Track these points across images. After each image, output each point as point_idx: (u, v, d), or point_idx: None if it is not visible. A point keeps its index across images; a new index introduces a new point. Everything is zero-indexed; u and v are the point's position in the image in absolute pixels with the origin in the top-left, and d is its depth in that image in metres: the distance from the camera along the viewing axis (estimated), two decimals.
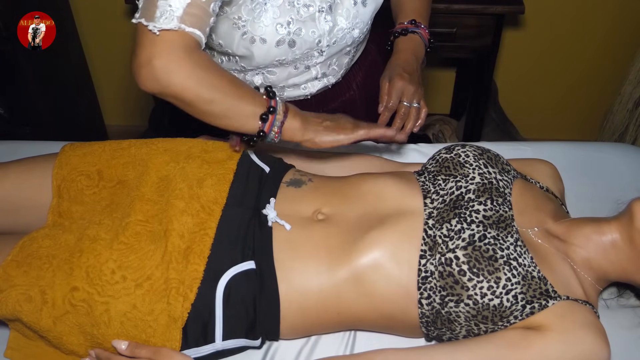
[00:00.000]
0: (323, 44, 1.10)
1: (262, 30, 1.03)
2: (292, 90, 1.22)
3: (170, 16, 0.88)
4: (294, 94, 1.23)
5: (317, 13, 1.06)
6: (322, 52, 1.12)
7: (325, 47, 1.11)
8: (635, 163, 1.32)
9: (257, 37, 1.04)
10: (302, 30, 1.06)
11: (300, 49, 1.08)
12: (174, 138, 1.10)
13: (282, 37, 1.05)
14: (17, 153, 1.19)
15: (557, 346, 0.83)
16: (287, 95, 1.23)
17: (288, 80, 1.18)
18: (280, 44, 1.05)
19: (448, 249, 0.88)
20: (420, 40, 1.18)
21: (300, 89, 1.22)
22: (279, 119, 0.95)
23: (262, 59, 1.08)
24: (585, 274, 0.95)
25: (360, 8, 1.10)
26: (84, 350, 0.90)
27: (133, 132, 2.43)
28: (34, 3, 1.78)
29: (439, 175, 0.99)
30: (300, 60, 1.13)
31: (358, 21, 1.11)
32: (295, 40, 1.06)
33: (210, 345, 0.89)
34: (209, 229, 0.93)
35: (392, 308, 0.91)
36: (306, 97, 1.25)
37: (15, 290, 0.88)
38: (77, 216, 1.00)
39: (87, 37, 2.24)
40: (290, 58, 1.09)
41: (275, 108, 0.95)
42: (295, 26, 1.04)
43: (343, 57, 1.20)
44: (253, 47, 1.05)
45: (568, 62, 2.25)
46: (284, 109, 0.97)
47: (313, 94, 1.24)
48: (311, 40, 1.08)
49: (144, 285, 0.88)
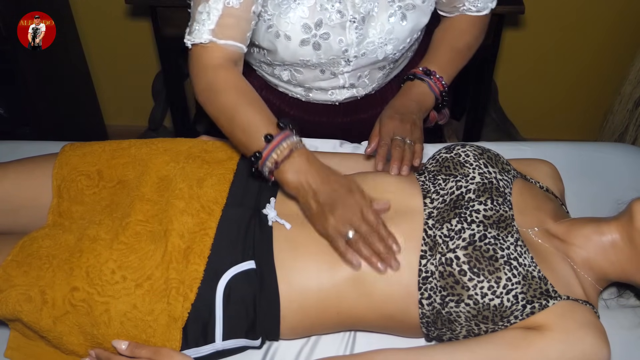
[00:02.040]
0: (350, 53, 1.08)
1: (287, 27, 1.03)
2: (319, 94, 1.22)
3: (201, 30, 0.95)
4: (321, 98, 1.23)
5: (348, 22, 1.04)
6: (350, 62, 1.11)
7: (353, 57, 1.09)
8: (635, 163, 1.32)
9: (281, 33, 1.04)
10: (330, 36, 1.05)
11: (325, 54, 1.07)
12: (174, 138, 1.10)
13: (307, 38, 1.04)
14: (17, 153, 1.19)
15: (557, 346, 0.83)
16: (314, 97, 1.23)
17: (315, 82, 1.18)
18: (304, 44, 1.05)
19: (448, 249, 0.88)
20: (427, 90, 1.12)
21: (328, 94, 1.21)
22: (274, 157, 0.90)
23: (286, 55, 1.08)
24: (585, 274, 0.95)
25: (397, 25, 1.07)
26: (84, 350, 0.90)
27: (133, 132, 2.44)
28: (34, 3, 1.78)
29: (439, 175, 0.99)
30: (327, 66, 1.12)
31: (392, 37, 1.08)
32: (320, 44, 1.06)
33: (210, 345, 0.89)
34: (209, 228, 0.93)
35: (392, 308, 0.91)
36: (334, 103, 1.24)
37: (16, 290, 0.88)
38: (77, 216, 1.00)
39: (87, 37, 2.24)
40: (315, 61, 1.09)
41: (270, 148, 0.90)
42: (323, 30, 1.04)
43: (376, 72, 1.18)
44: (277, 42, 1.06)
45: (568, 62, 2.24)
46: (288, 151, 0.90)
47: (340, 101, 1.23)
48: (337, 47, 1.07)
49: (144, 285, 0.88)
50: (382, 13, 1.06)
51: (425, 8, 1.10)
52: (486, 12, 1.18)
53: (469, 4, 1.16)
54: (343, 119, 1.29)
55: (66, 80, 2.16)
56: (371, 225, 0.89)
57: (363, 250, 0.88)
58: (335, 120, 1.29)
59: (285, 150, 0.90)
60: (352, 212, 0.88)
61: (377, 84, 1.22)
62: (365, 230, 0.88)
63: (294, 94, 1.24)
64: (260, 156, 0.91)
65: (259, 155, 0.92)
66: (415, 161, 1.00)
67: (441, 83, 1.13)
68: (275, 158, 0.90)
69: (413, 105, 1.09)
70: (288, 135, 0.92)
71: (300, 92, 1.24)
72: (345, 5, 1.03)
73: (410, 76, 1.14)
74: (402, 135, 1.02)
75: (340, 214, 0.88)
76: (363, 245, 0.88)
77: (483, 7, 1.16)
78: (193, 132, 2.32)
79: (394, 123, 1.04)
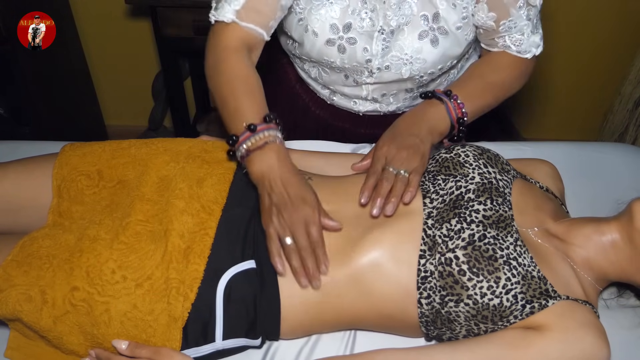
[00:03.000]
0: (374, 64, 1.07)
1: (316, 23, 1.03)
2: (342, 100, 1.21)
3: (226, 8, 0.98)
4: (344, 104, 1.22)
5: (376, 32, 1.03)
6: (373, 73, 1.09)
7: (376, 69, 1.08)
8: (635, 163, 1.32)
9: (310, 28, 1.04)
10: (356, 42, 1.04)
11: (349, 59, 1.06)
12: (174, 138, 1.10)
13: (334, 39, 1.04)
14: (17, 153, 1.18)
15: (557, 346, 0.83)
16: (338, 102, 1.22)
17: (339, 86, 1.17)
18: (330, 44, 1.05)
19: (448, 248, 0.88)
20: (443, 113, 1.00)
21: (351, 103, 1.20)
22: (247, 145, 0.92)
23: (312, 52, 1.08)
24: (585, 273, 0.95)
25: (426, 45, 1.04)
26: (84, 350, 0.90)
27: (133, 132, 2.44)
28: (34, 3, 1.78)
29: (439, 175, 0.99)
30: (350, 72, 1.11)
31: (420, 58, 1.05)
32: (346, 48, 1.05)
33: (211, 345, 0.89)
34: (209, 228, 0.93)
35: (392, 308, 0.91)
36: (357, 113, 1.23)
37: (16, 290, 0.88)
38: (77, 216, 1.00)
39: (87, 37, 2.24)
40: (339, 63, 1.08)
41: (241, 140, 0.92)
42: (350, 34, 1.04)
43: (402, 93, 1.15)
44: (305, 36, 1.06)
45: (568, 62, 2.25)
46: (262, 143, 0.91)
47: (363, 112, 1.21)
48: (361, 55, 1.05)
49: (144, 285, 0.88)
50: (414, 30, 1.03)
51: (459, 37, 1.05)
52: (528, 55, 1.08)
53: (510, 41, 1.06)
54: (366, 130, 1.27)
55: (66, 80, 2.16)
56: (311, 242, 0.88)
57: (293, 261, 0.88)
58: (359, 130, 1.28)
59: (260, 141, 0.92)
60: (297, 222, 0.87)
61: (402, 104, 1.19)
62: (303, 244, 0.87)
63: (320, 94, 1.25)
64: (237, 140, 0.93)
65: (235, 139, 0.94)
66: (405, 197, 0.91)
67: (461, 110, 1.01)
68: (248, 146, 0.92)
69: (422, 127, 0.98)
70: (268, 128, 0.93)
71: (325, 94, 1.24)
72: (377, 14, 1.02)
73: (428, 93, 1.03)
74: (395, 164, 0.93)
75: (285, 219, 0.88)
76: (295, 257, 0.88)
77: (526, 49, 1.07)
78: (193, 132, 2.32)
79: (389, 148, 0.95)
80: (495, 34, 1.07)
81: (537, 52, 1.09)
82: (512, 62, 1.09)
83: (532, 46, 1.08)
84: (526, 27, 1.05)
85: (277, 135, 0.94)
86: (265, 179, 0.91)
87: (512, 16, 1.03)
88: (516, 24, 1.04)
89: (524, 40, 1.06)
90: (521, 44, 1.06)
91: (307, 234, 0.88)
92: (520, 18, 1.03)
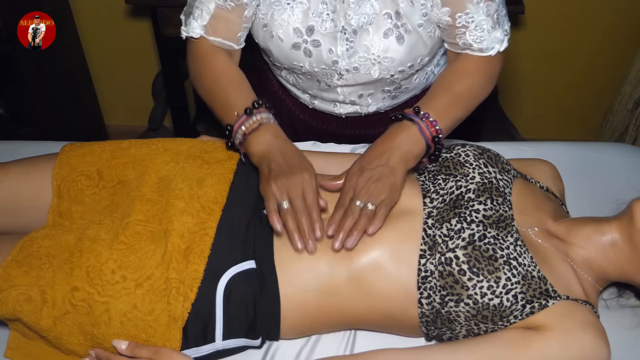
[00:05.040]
0: (341, 66, 1.06)
1: (279, 29, 1.04)
2: (322, 103, 1.21)
3: (194, 25, 1.05)
4: (325, 108, 1.22)
5: (339, 33, 1.03)
6: (342, 76, 1.08)
7: (344, 70, 1.07)
8: (635, 163, 1.32)
9: (275, 34, 1.05)
10: (321, 44, 1.04)
11: (317, 62, 1.07)
12: (174, 138, 1.10)
13: (298, 42, 1.05)
14: (17, 153, 1.19)
15: (557, 346, 0.83)
16: (319, 106, 1.23)
17: (315, 90, 1.17)
18: (295, 48, 1.05)
19: (448, 248, 0.88)
20: (416, 134, 0.96)
21: (331, 105, 1.20)
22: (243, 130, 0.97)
23: (281, 57, 1.09)
24: (585, 273, 0.95)
25: (392, 44, 1.02)
26: (84, 350, 0.90)
27: (133, 132, 2.44)
28: (34, 3, 1.78)
29: (439, 174, 0.99)
30: (321, 76, 1.11)
31: (388, 57, 1.03)
32: (311, 51, 1.05)
33: (210, 345, 0.89)
34: (209, 228, 0.93)
35: (392, 307, 0.91)
36: (340, 116, 1.23)
37: (16, 290, 0.88)
38: (77, 216, 1.00)
39: (87, 37, 2.24)
40: (308, 68, 1.08)
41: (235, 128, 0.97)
42: (314, 37, 1.04)
43: (379, 93, 1.14)
44: (271, 42, 1.07)
45: (568, 62, 2.25)
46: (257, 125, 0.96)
47: (344, 115, 1.21)
48: (327, 57, 1.05)
49: (144, 285, 0.88)
50: (378, 29, 1.02)
51: (423, 35, 1.03)
52: (491, 52, 1.03)
53: (470, 39, 1.02)
54: (351, 132, 1.27)
55: (66, 80, 2.16)
56: (307, 204, 0.90)
57: (289, 222, 0.89)
58: (344, 132, 1.28)
59: (254, 124, 0.97)
60: (294, 186, 0.90)
61: (382, 104, 1.19)
62: (299, 206, 0.89)
63: (302, 99, 1.25)
64: (232, 129, 0.98)
65: (230, 128, 0.99)
66: (370, 228, 0.89)
67: (434, 127, 0.97)
68: (244, 130, 0.97)
69: (393, 155, 0.94)
70: (260, 112, 0.98)
71: (306, 99, 1.24)
72: (338, 14, 1.02)
73: (398, 115, 0.99)
74: (362, 198, 0.91)
75: (283, 183, 0.91)
76: (291, 218, 0.89)
77: (488, 46, 1.02)
78: (193, 132, 2.32)
79: (358, 180, 0.93)
80: (454, 29, 1.02)
81: (501, 48, 1.04)
82: (476, 66, 1.05)
83: (494, 42, 1.03)
84: (485, 23, 1.01)
85: (270, 116, 0.99)
86: (264, 156, 0.95)
87: (469, 10, 1.00)
88: (474, 19, 1.01)
89: (484, 37, 1.02)
90: (482, 41, 1.02)
91: (304, 198, 0.90)
92: (478, 13, 1.00)
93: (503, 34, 1.04)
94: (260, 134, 0.96)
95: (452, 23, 1.01)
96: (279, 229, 0.89)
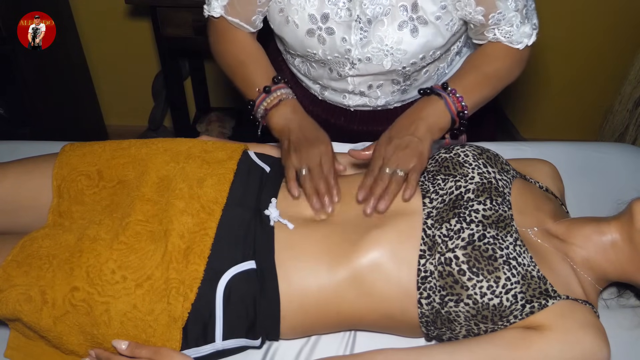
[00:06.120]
0: (353, 55, 1.07)
1: (295, 14, 1.06)
2: (332, 94, 1.22)
3: (214, 5, 1.11)
4: (335, 99, 1.23)
5: (353, 22, 1.04)
6: (354, 65, 1.09)
7: (357, 60, 1.08)
8: (635, 163, 1.32)
9: (290, 19, 1.07)
10: (335, 32, 1.05)
11: (330, 50, 1.08)
12: (174, 138, 1.10)
13: (313, 29, 1.06)
14: (17, 153, 1.19)
15: (557, 346, 0.83)
16: (329, 97, 1.23)
17: (326, 81, 1.18)
18: (310, 34, 1.06)
19: (447, 248, 0.88)
20: (442, 108, 1.00)
21: (341, 97, 1.21)
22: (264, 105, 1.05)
23: (295, 44, 1.11)
24: (585, 273, 0.95)
25: (406, 36, 1.03)
26: (84, 350, 0.90)
27: (133, 132, 2.44)
28: (34, 3, 1.78)
29: (438, 174, 0.99)
30: (333, 65, 1.12)
31: (401, 49, 1.04)
32: (325, 39, 1.06)
33: (210, 345, 0.89)
34: (209, 228, 0.93)
35: (392, 308, 0.91)
36: (349, 109, 1.23)
37: (16, 290, 0.88)
38: (77, 216, 1.00)
39: (87, 37, 2.24)
40: (321, 55, 1.09)
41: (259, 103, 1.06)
42: (328, 24, 1.05)
43: (389, 85, 1.15)
44: (287, 27, 1.08)
45: (568, 62, 2.25)
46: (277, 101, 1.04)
47: (352, 107, 1.22)
48: (340, 45, 1.06)
49: (144, 285, 0.88)
50: (393, 21, 1.03)
51: (440, 27, 1.04)
52: (520, 46, 1.07)
53: (500, 34, 1.05)
54: (359, 127, 1.28)
55: (66, 80, 2.16)
56: (324, 171, 0.97)
57: (307, 185, 0.96)
58: (351, 127, 1.28)
59: (275, 100, 1.05)
60: (313, 157, 0.98)
61: (391, 98, 1.19)
62: (317, 172, 0.97)
63: (312, 90, 1.26)
64: (254, 104, 1.07)
65: (252, 103, 1.08)
66: (405, 193, 0.93)
67: (460, 103, 1.01)
68: (265, 106, 1.06)
69: (420, 125, 0.98)
70: (279, 88, 1.06)
71: (316, 89, 1.25)
72: (354, 3, 1.03)
73: (427, 90, 1.03)
74: (391, 164, 0.94)
75: (302, 155, 0.98)
76: (309, 183, 0.96)
77: (517, 40, 1.06)
78: (193, 132, 2.32)
79: (387, 148, 0.96)
80: (485, 27, 1.06)
81: (530, 42, 1.07)
82: (505, 51, 1.08)
83: (523, 37, 1.06)
84: (515, 18, 1.04)
85: (289, 92, 1.07)
86: (285, 128, 1.03)
87: (500, 8, 1.02)
88: (504, 16, 1.03)
89: (513, 32, 1.05)
90: (511, 36, 1.05)
91: (321, 167, 0.97)
92: (507, 9, 1.02)
93: (532, 29, 1.07)
94: (280, 109, 1.04)
95: (485, 22, 1.04)
96: (296, 193, 0.96)
